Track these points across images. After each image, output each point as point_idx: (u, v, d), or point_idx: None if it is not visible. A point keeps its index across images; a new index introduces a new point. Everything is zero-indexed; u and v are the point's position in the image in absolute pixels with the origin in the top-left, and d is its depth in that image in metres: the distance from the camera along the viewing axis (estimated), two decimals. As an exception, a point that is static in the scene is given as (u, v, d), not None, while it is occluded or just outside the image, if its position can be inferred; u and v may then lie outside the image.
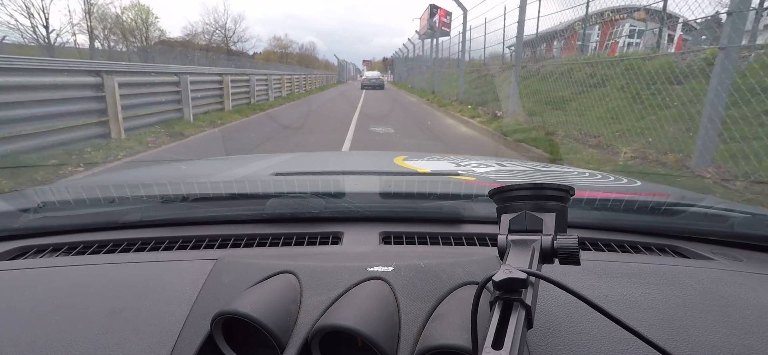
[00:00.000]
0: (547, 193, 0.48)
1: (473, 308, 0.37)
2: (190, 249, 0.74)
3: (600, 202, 0.87)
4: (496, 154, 6.30)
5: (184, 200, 0.88)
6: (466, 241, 0.78)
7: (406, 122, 10.12)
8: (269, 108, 13.07)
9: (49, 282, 0.61)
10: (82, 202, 0.88)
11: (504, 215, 0.50)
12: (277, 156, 1.68)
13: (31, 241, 0.77)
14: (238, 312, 0.46)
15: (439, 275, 0.55)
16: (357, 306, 0.48)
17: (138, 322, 0.52)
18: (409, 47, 31.74)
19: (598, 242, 0.77)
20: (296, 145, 6.82)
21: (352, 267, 0.58)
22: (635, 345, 0.47)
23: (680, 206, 0.89)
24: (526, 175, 1.33)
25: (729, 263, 0.71)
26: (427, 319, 0.49)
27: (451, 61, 18.72)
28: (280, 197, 0.86)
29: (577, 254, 0.43)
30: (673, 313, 0.54)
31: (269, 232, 0.79)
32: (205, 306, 0.54)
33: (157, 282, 0.61)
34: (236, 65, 20.32)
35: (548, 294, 0.54)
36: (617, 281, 0.61)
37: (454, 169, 1.31)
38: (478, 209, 0.85)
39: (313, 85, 26.71)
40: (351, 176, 1.21)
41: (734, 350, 0.48)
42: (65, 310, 0.54)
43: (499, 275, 0.36)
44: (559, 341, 0.48)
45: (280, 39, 68.12)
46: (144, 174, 1.53)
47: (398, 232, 0.80)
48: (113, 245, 0.75)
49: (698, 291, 0.59)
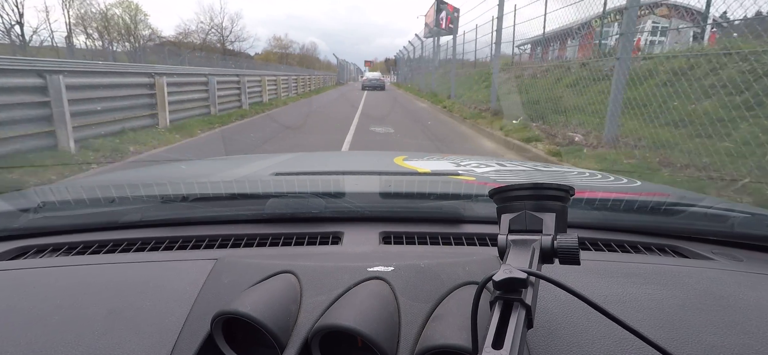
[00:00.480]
0: (547, 193, 0.48)
1: (473, 307, 0.37)
2: (190, 249, 0.74)
3: (600, 202, 0.87)
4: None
5: (184, 199, 0.88)
6: (466, 241, 0.78)
7: (425, 145, 7.06)
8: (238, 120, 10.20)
9: (49, 282, 0.61)
10: (82, 202, 0.88)
11: (504, 215, 0.50)
12: (277, 156, 1.68)
13: (31, 241, 0.77)
14: (238, 312, 0.46)
15: (439, 274, 0.55)
16: (357, 306, 0.48)
17: (138, 322, 0.52)
18: (412, 46, 30.13)
19: (598, 242, 0.78)
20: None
21: (352, 267, 0.58)
22: (635, 345, 0.47)
23: (680, 205, 0.89)
24: (526, 175, 1.33)
25: (729, 263, 0.71)
26: (427, 319, 0.49)
27: (464, 61, 17.34)
28: (280, 197, 0.86)
29: (577, 254, 0.43)
30: (673, 313, 0.54)
31: (269, 232, 0.79)
32: (205, 306, 0.54)
33: (157, 282, 0.61)
34: (225, 66, 19.29)
35: (548, 294, 0.54)
36: (617, 281, 0.61)
37: (454, 169, 1.31)
38: (478, 208, 0.85)
39: (307, 88, 24.59)
40: (351, 176, 1.21)
41: (734, 350, 0.48)
42: (65, 310, 0.54)
43: (499, 274, 0.36)
44: (559, 341, 0.48)
45: (280, 39, 67.34)
46: (144, 174, 1.53)
47: (398, 232, 0.80)
48: (113, 245, 0.75)
49: (698, 291, 0.59)
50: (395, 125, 9.45)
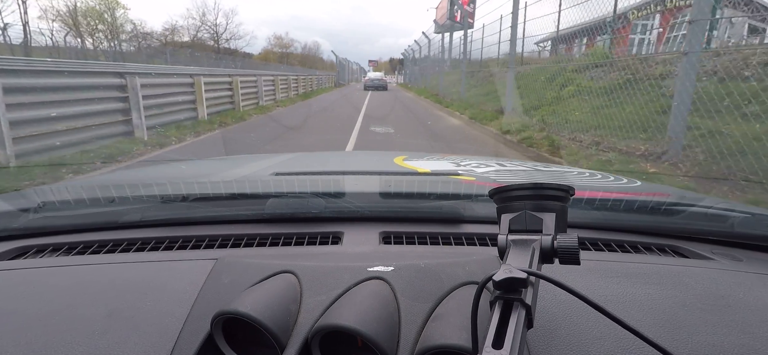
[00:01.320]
0: (547, 193, 0.48)
1: (473, 307, 0.37)
2: (190, 249, 0.74)
3: (600, 202, 0.87)
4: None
5: (184, 199, 0.88)
6: (466, 241, 0.78)
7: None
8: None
9: (49, 282, 0.61)
10: (82, 202, 0.88)
11: (504, 215, 0.50)
12: (277, 156, 1.68)
13: (31, 241, 0.77)
14: (238, 312, 0.46)
15: (439, 274, 0.55)
16: (357, 306, 0.48)
17: (138, 322, 0.52)
18: (418, 45, 28.85)
19: (598, 241, 0.78)
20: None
21: (352, 267, 0.58)
22: (635, 345, 0.47)
23: (680, 205, 0.89)
24: (526, 175, 1.33)
25: (729, 263, 0.71)
26: (427, 319, 0.49)
27: (474, 59, 14.43)
28: (280, 197, 0.86)
29: (577, 254, 0.43)
30: (673, 313, 0.54)
31: (269, 232, 0.79)
32: (205, 306, 0.54)
33: (157, 282, 0.61)
34: (214, 65, 18.05)
35: (548, 294, 0.54)
36: (617, 281, 0.61)
37: (454, 169, 1.31)
38: (478, 208, 0.85)
39: (298, 89, 20.88)
40: (351, 176, 1.21)
41: (734, 349, 0.48)
42: (65, 310, 0.54)
43: (499, 274, 0.36)
44: (559, 341, 0.48)
45: (281, 37, 65.51)
46: (144, 174, 1.54)
47: (398, 232, 0.80)
48: (113, 245, 0.75)
49: (698, 291, 0.59)
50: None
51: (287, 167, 1.36)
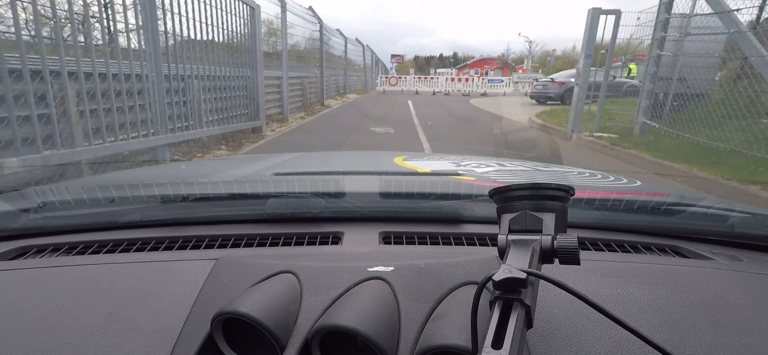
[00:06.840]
0: (547, 193, 0.48)
1: (473, 307, 0.37)
2: (190, 249, 0.74)
3: (600, 202, 0.87)
4: None
5: (184, 199, 0.88)
6: (466, 241, 0.78)
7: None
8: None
9: (49, 282, 0.61)
10: (82, 202, 0.88)
11: (504, 215, 0.50)
12: (277, 156, 1.68)
13: (31, 241, 0.77)
14: (238, 312, 0.46)
15: (439, 275, 0.55)
16: (357, 306, 0.48)
17: (138, 322, 0.52)
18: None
19: (598, 242, 0.77)
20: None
21: (352, 267, 0.58)
22: (635, 345, 0.47)
23: (680, 206, 0.89)
24: (526, 175, 1.33)
25: (729, 263, 0.71)
26: (427, 319, 0.49)
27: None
28: (280, 197, 0.86)
29: (577, 254, 0.42)
30: (673, 313, 0.54)
31: (269, 232, 0.79)
32: (204, 306, 0.54)
33: (156, 282, 0.61)
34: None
35: (548, 294, 0.54)
36: (617, 281, 0.61)
37: (454, 169, 1.31)
38: (478, 209, 0.85)
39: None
40: (351, 176, 1.21)
41: (734, 349, 0.48)
42: (65, 310, 0.54)
43: (499, 274, 0.36)
44: (559, 341, 0.48)
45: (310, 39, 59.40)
46: (144, 174, 1.54)
47: (398, 232, 0.80)
48: (113, 245, 0.75)
49: (698, 291, 0.59)
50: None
51: (287, 167, 1.36)
